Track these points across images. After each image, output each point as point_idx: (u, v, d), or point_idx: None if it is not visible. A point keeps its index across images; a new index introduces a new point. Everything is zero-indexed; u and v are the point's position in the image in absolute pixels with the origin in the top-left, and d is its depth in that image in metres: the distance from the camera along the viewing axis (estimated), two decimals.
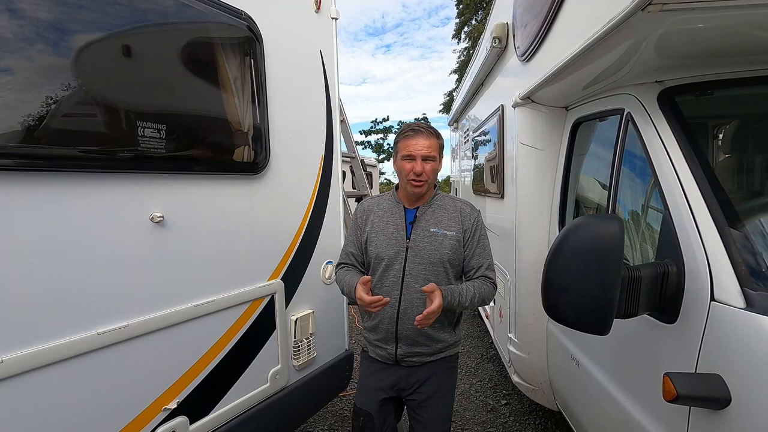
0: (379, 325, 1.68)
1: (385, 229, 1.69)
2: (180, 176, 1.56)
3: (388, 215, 1.72)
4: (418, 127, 1.65)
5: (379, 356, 1.73)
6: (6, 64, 1.11)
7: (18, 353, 1.15)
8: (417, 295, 1.61)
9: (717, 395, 1.01)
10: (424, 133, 1.63)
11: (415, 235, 1.65)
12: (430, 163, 1.63)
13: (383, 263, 1.66)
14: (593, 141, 2.08)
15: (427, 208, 1.70)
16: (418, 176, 1.61)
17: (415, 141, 1.62)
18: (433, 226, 1.66)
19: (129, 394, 1.43)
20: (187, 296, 1.60)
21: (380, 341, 1.71)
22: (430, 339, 1.67)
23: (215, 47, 1.66)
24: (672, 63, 1.48)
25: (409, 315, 1.62)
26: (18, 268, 1.16)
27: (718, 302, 1.10)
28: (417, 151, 1.61)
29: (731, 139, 1.71)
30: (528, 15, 2.18)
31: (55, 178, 1.23)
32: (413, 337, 1.65)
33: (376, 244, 1.68)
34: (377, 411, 1.71)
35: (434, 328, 1.65)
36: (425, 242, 1.64)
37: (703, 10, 1.08)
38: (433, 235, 1.65)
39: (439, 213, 1.70)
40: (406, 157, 1.63)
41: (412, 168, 1.61)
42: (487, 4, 18.04)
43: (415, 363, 1.69)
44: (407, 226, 1.68)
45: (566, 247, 1.21)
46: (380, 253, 1.66)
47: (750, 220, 1.27)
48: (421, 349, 1.67)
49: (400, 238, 1.66)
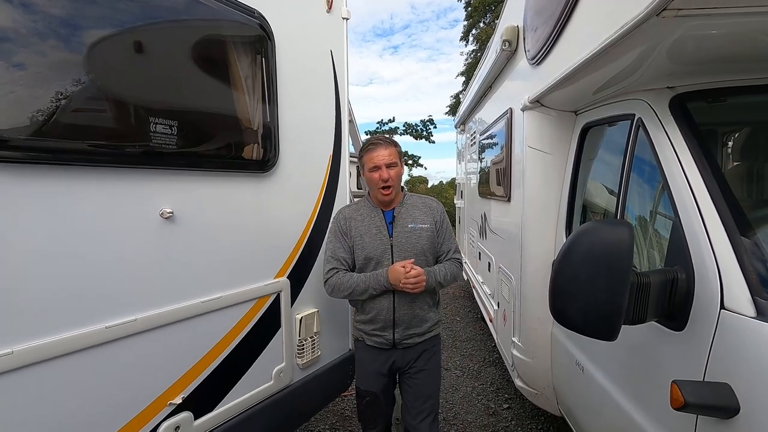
0: (376, 316, 1.90)
1: (368, 231, 1.91)
2: (190, 173, 1.57)
3: (369, 219, 1.94)
4: (377, 140, 1.93)
5: (377, 343, 1.94)
6: (21, 59, 1.13)
7: (28, 345, 1.17)
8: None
9: (725, 404, 1.01)
10: (383, 145, 1.90)
11: (397, 233, 1.90)
12: (394, 168, 1.88)
13: (373, 262, 1.88)
14: (602, 146, 2.07)
15: (401, 208, 1.96)
16: (385, 182, 1.86)
17: (376, 153, 1.88)
18: (410, 223, 1.92)
19: (135, 389, 1.44)
20: (195, 292, 1.61)
21: (378, 330, 1.92)
22: (421, 320, 1.93)
23: (227, 45, 1.67)
24: (684, 69, 1.47)
25: (403, 302, 1.88)
26: (28, 261, 1.17)
27: (728, 310, 1.09)
28: (380, 161, 1.86)
29: (743, 147, 1.70)
30: (539, 18, 2.17)
31: (68, 172, 1.24)
32: (408, 320, 1.90)
33: (362, 246, 1.89)
34: (381, 390, 2.00)
35: (423, 309, 1.93)
36: (406, 237, 1.90)
37: (718, 16, 1.07)
38: (411, 230, 1.91)
39: (412, 210, 1.96)
40: (373, 169, 1.88)
41: (379, 176, 1.86)
42: (496, 8, 18.00)
43: (409, 344, 1.94)
44: (388, 226, 1.93)
45: (575, 252, 1.20)
46: (368, 254, 1.88)
47: (761, 228, 1.26)
48: (414, 330, 1.92)
49: (383, 237, 1.90)
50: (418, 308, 1.91)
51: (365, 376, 2.02)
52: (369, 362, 2.00)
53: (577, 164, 2.20)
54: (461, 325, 5.20)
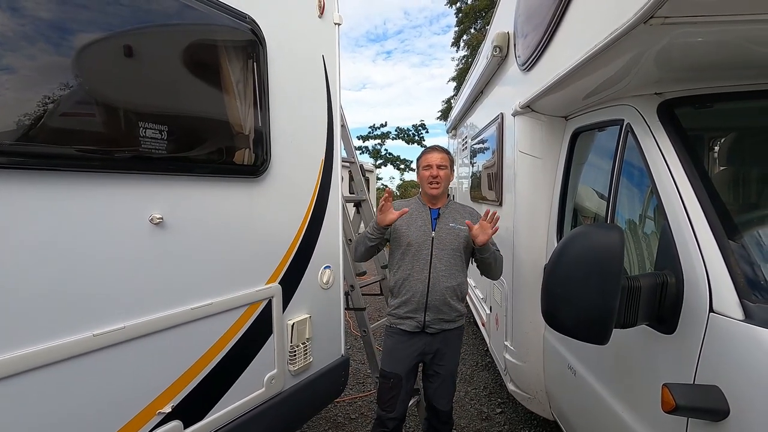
0: (410, 298, 2.14)
1: (414, 222, 2.19)
2: (180, 178, 1.55)
3: (417, 213, 2.22)
4: (432, 147, 2.30)
5: (409, 326, 2.16)
6: (9, 63, 1.11)
7: (12, 354, 1.14)
8: (442, 273, 2.12)
9: (715, 407, 1.02)
10: (438, 150, 2.27)
11: (439, 228, 2.17)
12: (444, 170, 2.19)
13: (413, 248, 2.15)
14: (592, 151, 2.10)
15: (445, 209, 2.23)
16: (434, 178, 2.16)
17: (431, 155, 2.22)
18: (451, 222, 2.18)
19: (123, 398, 1.41)
20: (185, 299, 1.58)
21: (411, 312, 2.15)
22: (450, 308, 2.15)
23: (218, 50, 1.66)
24: (672, 75, 1.50)
25: (437, 289, 2.11)
26: (14, 268, 1.14)
27: (716, 314, 1.10)
28: (433, 161, 2.19)
29: (730, 152, 1.73)
30: (529, 25, 2.20)
31: (55, 178, 1.22)
32: (439, 305, 2.12)
33: (407, 234, 2.17)
34: (406, 373, 2.18)
35: (453, 299, 2.16)
36: (446, 233, 2.16)
37: (705, 24, 1.10)
38: (452, 228, 2.17)
39: (454, 213, 2.23)
40: (425, 167, 2.21)
41: (430, 173, 2.18)
42: (487, 14, 18.20)
43: (436, 330, 2.16)
44: (432, 222, 2.19)
45: (567, 256, 1.21)
46: (411, 241, 2.15)
47: (749, 231, 1.28)
48: (444, 316, 2.14)
49: (427, 230, 2.17)
50: (448, 296, 2.13)
51: (392, 359, 2.21)
52: (398, 345, 2.19)
53: (568, 169, 2.23)
54: None
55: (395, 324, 2.22)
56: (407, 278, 2.16)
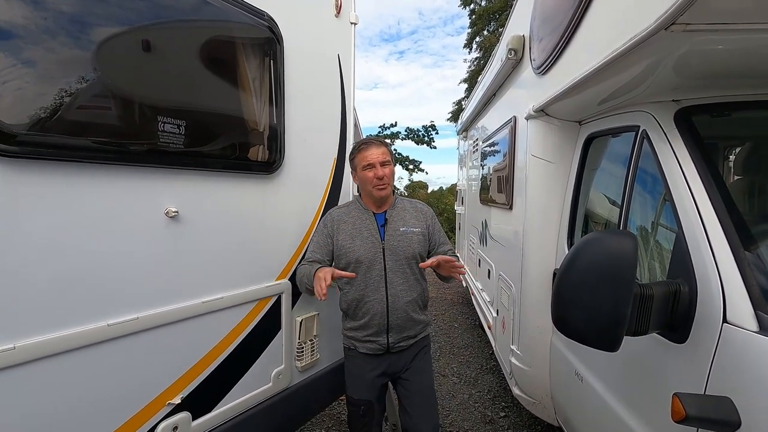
0: (369, 321, 1.87)
1: (359, 234, 1.89)
2: (196, 172, 1.58)
3: (360, 222, 1.92)
4: (368, 140, 1.93)
5: (370, 350, 1.91)
6: (31, 56, 1.13)
7: (30, 341, 1.16)
8: (400, 288, 1.87)
9: (726, 418, 1.01)
10: (375, 144, 1.91)
11: (389, 236, 1.89)
12: (388, 166, 1.89)
13: (363, 265, 1.85)
14: (606, 157, 2.08)
15: (393, 211, 1.96)
16: (380, 180, 1.85)
17: (369, 152, 1.88)
18: (402, 226, 1.92)
19: (134, 387, 1.43)
20: (197, 292, 1.61)
21: (371, 336, 1.89)
22: (414, 322, 1.92)
23: (236, 47, 1.68)
24: (690, 83, 1.48)
25: (397, 306, 1.86)
26: (32, 257, 1.17)
27: (730, 324, 1.09)
28: (374, 159, 1.86)
29: (746, 161, 1.71)
30: (546, 28, 2.19)
31: (74, 169, 1.24)
32: (402, 324, 1.89)
33: (353, 249, 1.87)
34: (375, 397, 1.97)
35: (416, 312, 1.93)
36: (398, 240, 1.89)
37: (726, 32, 1.08)
38: (403, 233, 1.91)
39: (403, 214, 1.97)
40: (367, 167, 1.87)
41: (374, 174, 1.85)
42: (500, 16, 18.10)
43: (402, 347, 1.93)
44: (380, 229, 1.91)
45: (579, 262, 1.21)
46: (359, 257, 1.85)
47: (765, 242, 1.27)
48: (407, 333, 1.92)
49: (375, 240, 1.88)
50: (411, 311, 1.90)
51: (358, 384, 1.97)
52: (362, 370, 1.96)
53: (580, 174, 2.21)
54: (459, 331, 5.19)
55: (354, 347, 1.96)
56: (361, 300, 1.87)
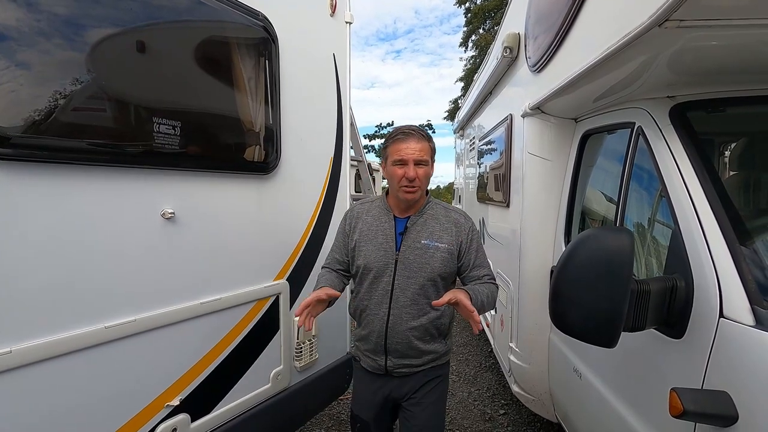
0: (368, 336, 1.63)
1: (374, 238, 1.60)
2: (192, 173, 1.57)
3: (377, 224, 1.62)
4: (409, 129, 1.55)
5: (370, 366, 1.67)
6: (25, 58, 1.13)
7: (27, 344, 1.16)
8: (406, 309, 1.55)
9: (724, 412, 1.01)
10: (415, 136, 1.53)
11: (405, 247, 1.56)
12: (423, 167, 1.54)
13: (371, 274, 1.58)
14: (602, 153, 2.08)
15: (418, 218, 1.60)
16: (410, 182, 1.51)
17: (406, 144, 1.52)
18: (424, 238, 1.57)
19: (133, 390, 1.43)
20: (194, 293, 1.60)
21: (370, 352, 1.66)
22: (420, 352, 1.60)
23: (231, 47, 1.68)
24: (684, 79, 1.49)
25: (397, 329, 1.56)
26: (28, 259, 1.17)
27: (727, 319, 1.10)
28: (409, 155, 1.51)
29: (742, 156, 1.71)
30: (541, 26, 2.19)
31: (70, 171, 1.24)
32: (402, 350, 1.58)
33: (364, 253, 1.59)
34: (373, 419, 1.70)
35: (424, 342, 1.59)
36: (415, 255, 1.55)
37: (720, 27, 1.09)
38: (424, 247, 1.55)
39: (431, 223, 1.60)
40: (398, 162, 1.53)
41: (404, 173, 1.51)
42: (496, 14, 18.13)
43: (405, 373, 1.63)
44: (397, 237, 1.58)
45: (576, 258, 1.21)
46: (368, 264, 1.58)
47: (760, 237, 1.27)
48: (410, 361, 1.61)
49: (389, 249, 1.57)
50: (415, 339, 1.57)
51: (359, 399, 1.76)
52: (363, 386, 1.73)
53: (577, 171, 2.22)
54: (457, 329, 5.19)
55: (359, 358, 1.74)
56: (365, 310, 1.63)
